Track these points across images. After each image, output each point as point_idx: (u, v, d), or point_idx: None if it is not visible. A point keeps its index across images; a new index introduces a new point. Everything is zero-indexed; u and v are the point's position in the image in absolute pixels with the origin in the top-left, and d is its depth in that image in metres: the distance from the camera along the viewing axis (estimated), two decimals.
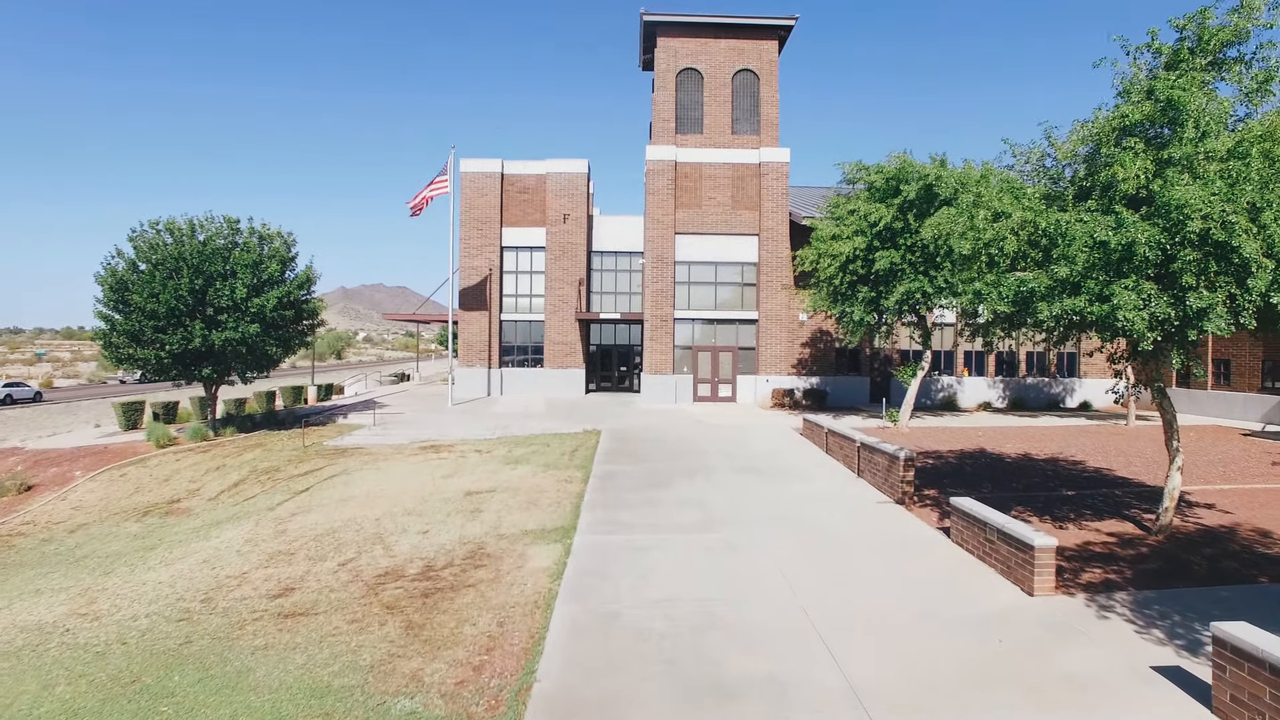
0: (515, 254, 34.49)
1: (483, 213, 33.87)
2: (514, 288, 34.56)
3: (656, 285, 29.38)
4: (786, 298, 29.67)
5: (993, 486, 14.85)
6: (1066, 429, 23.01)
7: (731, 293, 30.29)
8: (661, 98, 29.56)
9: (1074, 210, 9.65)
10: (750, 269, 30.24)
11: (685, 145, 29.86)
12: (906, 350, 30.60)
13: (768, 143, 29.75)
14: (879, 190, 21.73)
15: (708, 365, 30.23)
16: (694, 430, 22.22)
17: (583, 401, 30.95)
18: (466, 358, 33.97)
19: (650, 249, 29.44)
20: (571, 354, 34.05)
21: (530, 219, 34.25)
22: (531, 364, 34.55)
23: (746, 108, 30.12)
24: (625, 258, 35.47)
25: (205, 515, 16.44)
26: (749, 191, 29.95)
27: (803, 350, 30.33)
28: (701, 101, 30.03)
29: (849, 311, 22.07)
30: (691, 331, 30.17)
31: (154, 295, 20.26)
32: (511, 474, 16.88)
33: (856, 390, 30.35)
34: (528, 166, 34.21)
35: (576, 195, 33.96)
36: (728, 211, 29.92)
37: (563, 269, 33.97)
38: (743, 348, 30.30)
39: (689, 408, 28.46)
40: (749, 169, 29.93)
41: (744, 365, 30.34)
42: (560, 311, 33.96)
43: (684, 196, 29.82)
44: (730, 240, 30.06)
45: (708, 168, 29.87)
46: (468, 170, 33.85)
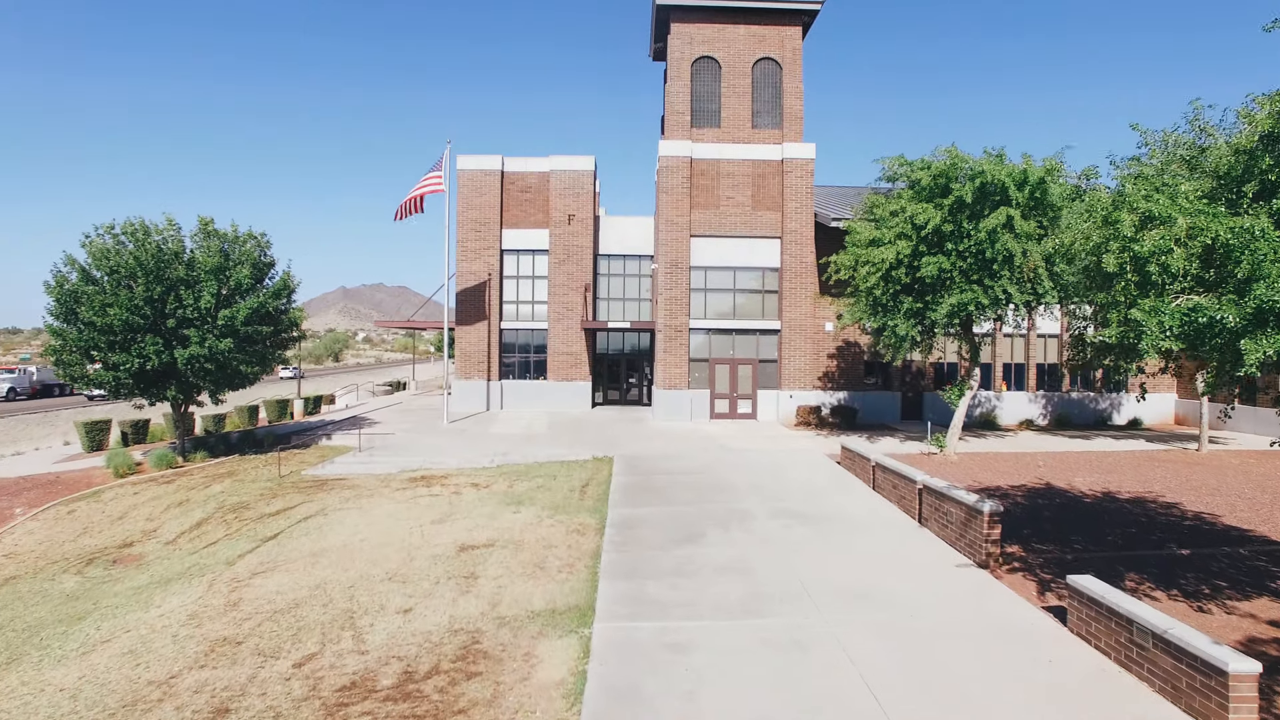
0: (516, 257, 32.10)
1: (481, 213, 31.47)
2: (515, 294, 32.17)
3: (670, 292, 27.00)
4: (811, 306, 27.28)
5: (1084, 539, 12.48)
6: (1134, 457, 20.61)
7: (751, 301, 27.91)
8: (675, 88, 27.17)
9: (1260, 213, 7.27)
10: (772, 275, 27.84)
11: (701, 140, 27.47)
12: (940, 364, 28.22)
13: (791, 137, 27.36)
14: (925, 189, 19.34)
15: (726, 379, 27.84)
16: (718, 458, 19.83)
17: (589, 418, 28.56)
18: (464, 369, 31.58)
19: (663, 253, 27.06)
20: (576, 365, 31.66)
21: (532, 220, 31.86)
22: (534, 376, 32.15)
23: (767, 100, 27.73)
24: (634, 261, 33.09)
25: (156, 567, 14.04)
26: (770, 191, 27.56)
27: (829, 363, 27.93)
28: (719, 93, 27.64)
29: (892, 325, 19.68)
30: (708, 342, 27.78)
31: (104, 309, 17.85)
32: (513, 519, 14.49)
33: (887, 406, 27.96)
34: (530, 164, 31.83)
35: (582, 194, 31.57)
36: (747, 212, 27.53)
37: (567, 274, 31.58)
38: (764, 360, 27.90)
39: (706, 426, 26.08)
40: (770, 166, 27.54)
41: (765, 379, 27.94)
42: (564, 319, 31.58)
43: (700, 196, 27.43)
44: (750, 243, 27.67)
45: (726, 164, 27.48)
46: (465, 168, 31.46)
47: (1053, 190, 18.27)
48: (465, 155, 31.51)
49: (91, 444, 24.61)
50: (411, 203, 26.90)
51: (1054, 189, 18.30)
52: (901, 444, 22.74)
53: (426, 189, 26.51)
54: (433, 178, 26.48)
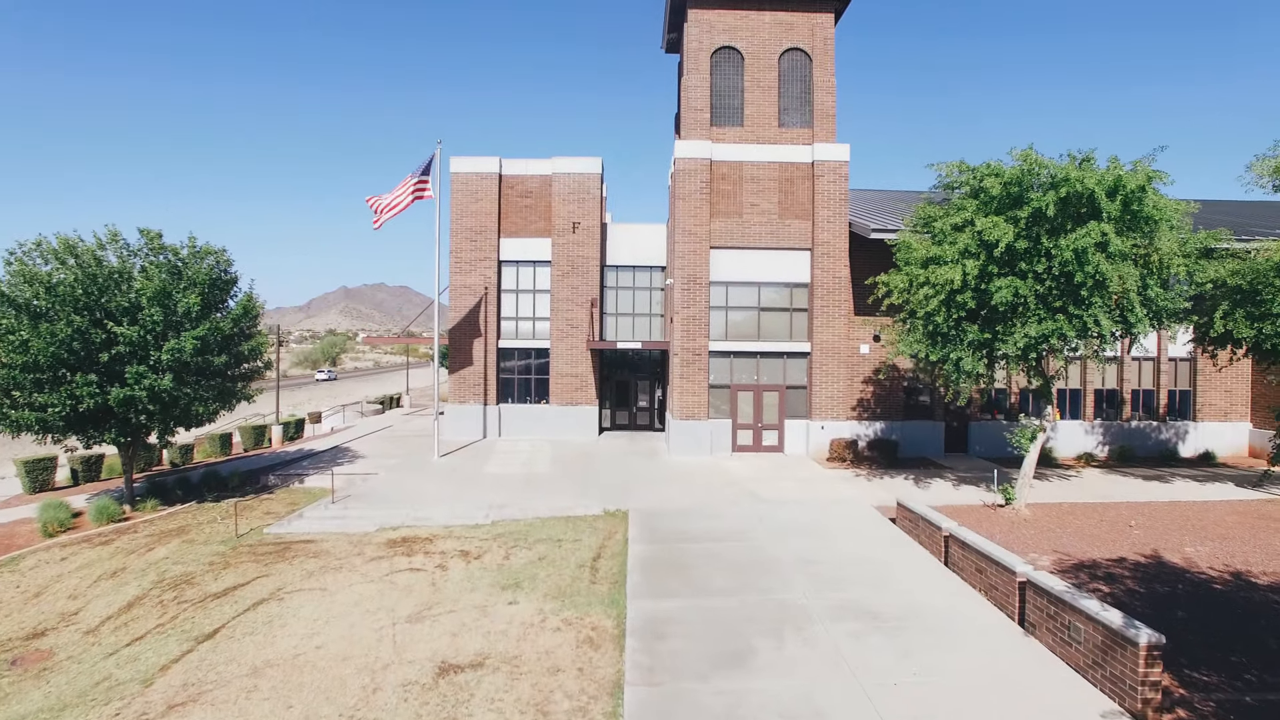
0: (515, 269, 29.21)
1: (477, 221, 28.58)
2: (514, 309, 29.28)
3: (687, 311, 24.10)
4: (845, 326, 24.38)
5: (1251, 659, 9.58)
6: (1236, 510, 17.67)
7: (778, 320, 25.00)
8: (693, 82, 24.26)
9: None
10: (801, 291, 24.93)
11: (723, 140, 24.56)
12: (986, 390, 25.29)
13: (822, 137, 24.44)
14: (994, 200, 16.44)
15: (749, 407, 24.95)
16: (751, 513, 16.94)
17: (597, 451, 25.67)
18: (459, 391, 28.70)
19: (679, 267, 24.16)
20: (582, 388, 28.77)
21: (533, 228, 28.96)
22: (535, 399, 29.26)
23: (796, 95, 24.81)
24: (645, 273, 30.19)
25: (59, 677, 11.18)
26: (800, 197, 24.65)
27: (864, 390, 25.03)
28: (741, 87, 24.72)
29: (954, 358, 16.78)
30: (729, 367, 24.87)
31: (22, 345, 14.98)
32: (509, 614, 11.61)
33: (928, 438, 25.06)
34: (530, 166, 28.93)
35: (588, 200, 28.68)
36: (774, 221, 24.62)
37: (571, 287, 28.69)
38: (792, 386, 25.00)
39: (728, 462, 23.19)
40: (800, 169, 24.63)
41: (793, 407, 25.04)
42: (569, 338, 28.69)
43: (721, 203, 24.52)
44: (777, 256, 24.76)
45: (750, 167, 24.57)
46: (459, 170, 28.56)
47: (1150, 201, 15.38)
48: (459, 156, 28.61)
49: (34, 485, 21.74)
50: (391, 208, 23.98)
51: (1151, 199, 15.41)
52: (955, 489, 19.85)
53: (412, 196, 23.63)
54: (419, 182, 23.58)
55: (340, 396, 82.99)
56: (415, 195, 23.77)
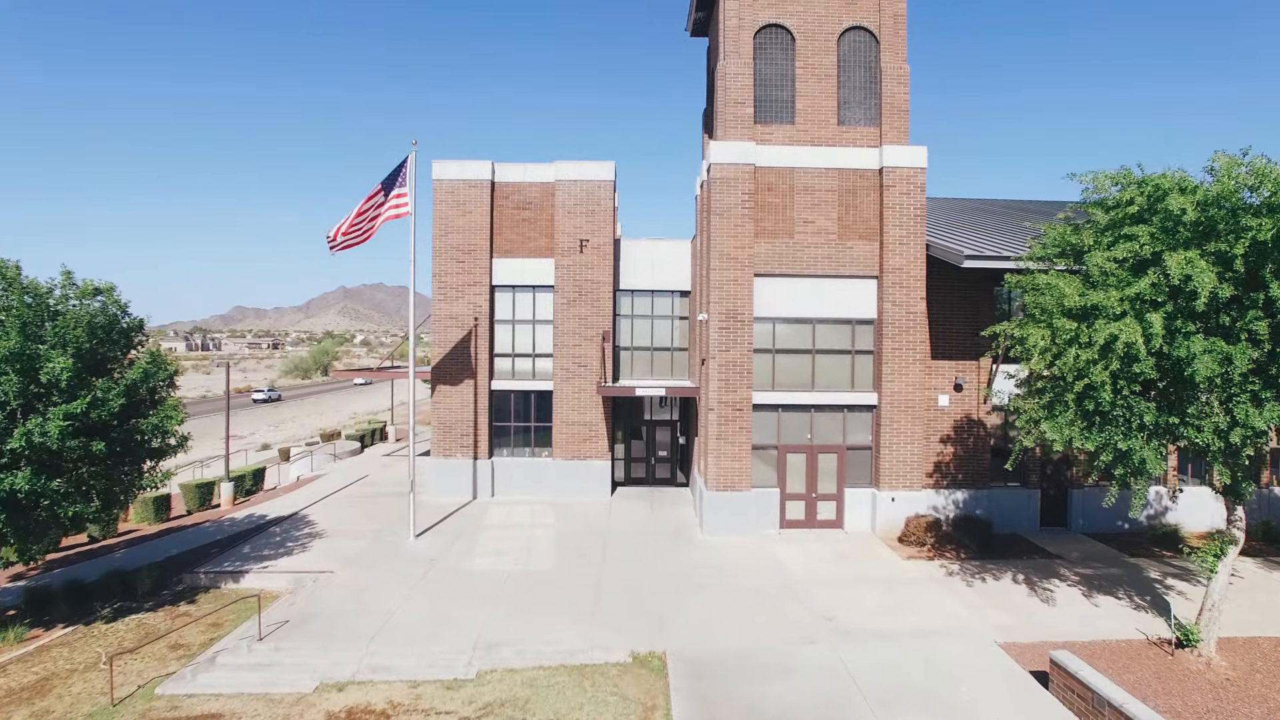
0: (511, 296, 24.37)
1: (465, 238, 23.74)
2: (509, 344, 24.44)
3: (726, 355, 19.27)
4: (922, 372, 19.56)
5: None
6: None
7: (837, 365, 20.16)
8: (732, 69, 19.41)
9: None
10: (865, 330, 20.09)
11: (769, 141, 19.72)
12: None
13: (892, 137, 19.62)
14: (1182, 226, 11.64)
15: (801, 473, 20.13)
16: (837, 665, 12.13)
17: (611, 527, 20.82)
18: (443, 443, 23.87)
19: (716, 299, 19.33)
20: (592, 438, 23.95)
21: (532, 246, 24.14)
22: (535, 450, 24.45)
23: (859, 85, 19.97)
24: (665, 298, 25.37)
25: None
26: (864, 212, 19.82)
27: (943, 450, 20.22)
28: (792, 75, 19.88)
29: (1126, 449, 11.97)
30: (776, 423, 20.05)
31: None
32: None
33: (1020, 509, 20.26)
34: (529, 172, 24.10)
35: (598, 212, 23.85)
36: (832, 242, 19.79)
37: (579, 318, 23.86)
38: (853, 447, 20.18)
39: (780, 548, 18.40)
40: (864, 178, 19.80)
41: (855, 473, 20.23)
42: (576, 378, 23.86)
43: (767, 219, 19.68)
44: (835, 286, 19.93)
45: (803, 175, 19.74)
46: (443, 176, 23.72)
47: None
48: (444, 160, 23.76)
49: None
50: (353, 230, 19.18)
51: None
52: (1090, 601, 15.06)
53: (384, 215, 18.83)
54: (395, 196, 18.76)
55: (326, 413, 78.15)
56: (390, 213, 18.97)
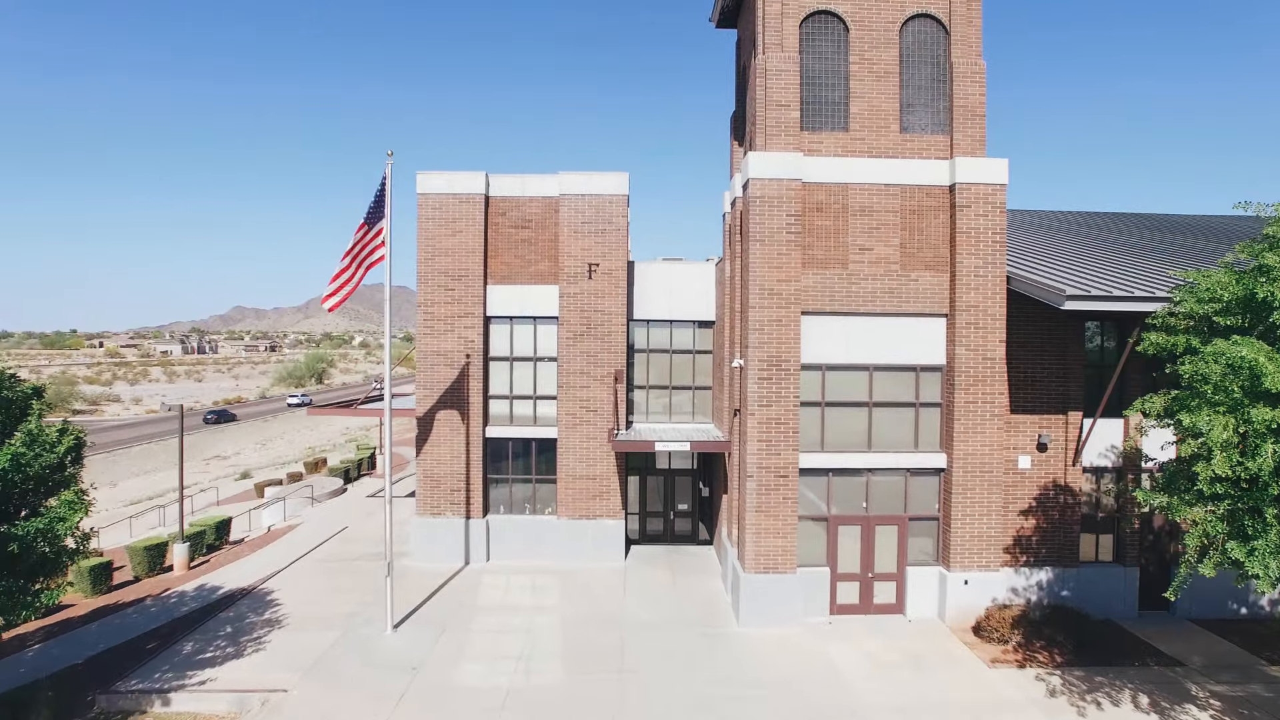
0: (508, 329, 21.10)
1: (455, 261, 20.47)
2: (506, 384, 21.17)
3: (767, 411, 15.98)
4: (1001, 430, 16.28)
5: None
6: None
7: (898, 421, 16.89)
8: (775, 64, 16.11)
9: None
10: (932, 378, 16.81)
11: (818, 151, 16.43)
12: None
13: (966, 148, 16.34)
14: None
15: (855, 549, 16.87)
16: None
17: (629, 607, 17.55)
18: (430, 500, 20.62)
19: (756, 343, 16.03)
20: (602, 494, 20.69)
21: (533, 271, 20.88)
22: (536, 508, 21.21)
23: (925, 85, 16.69)
24: (685, 329, 22.12)
25: None
26: (931, 236, 16.54)
27: (1023, 523, 16.97)
28: (845, 73, 16.59)
29: None
30: (826, 490, 16.78)
31: None
32: None
33: (1114, 590, 17.02)
34: (530, 184, 20.83)
35: (610, 231, 20.59)
36: (893, 274, 16.51)
37: (587, 355, 20.59)
38: (917, 518, 16.91)
39: (833, 647, 15.13)
40: (931, 196, 16.53)
41: (919, 549, 16.98)
42: (584, 425, 20.60)
43: (816, 245, 16.40)
44: (897, 326, 16.66)
45: (859, 192, 16.46)
46: (429, 190, 20.46)
47: None
48: (429, 172, 20.50)
49: None
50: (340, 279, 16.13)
51: None
52: None
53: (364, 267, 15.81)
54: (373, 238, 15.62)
55: (319, 425, 74.88)
56: (374, 257, 15.93)
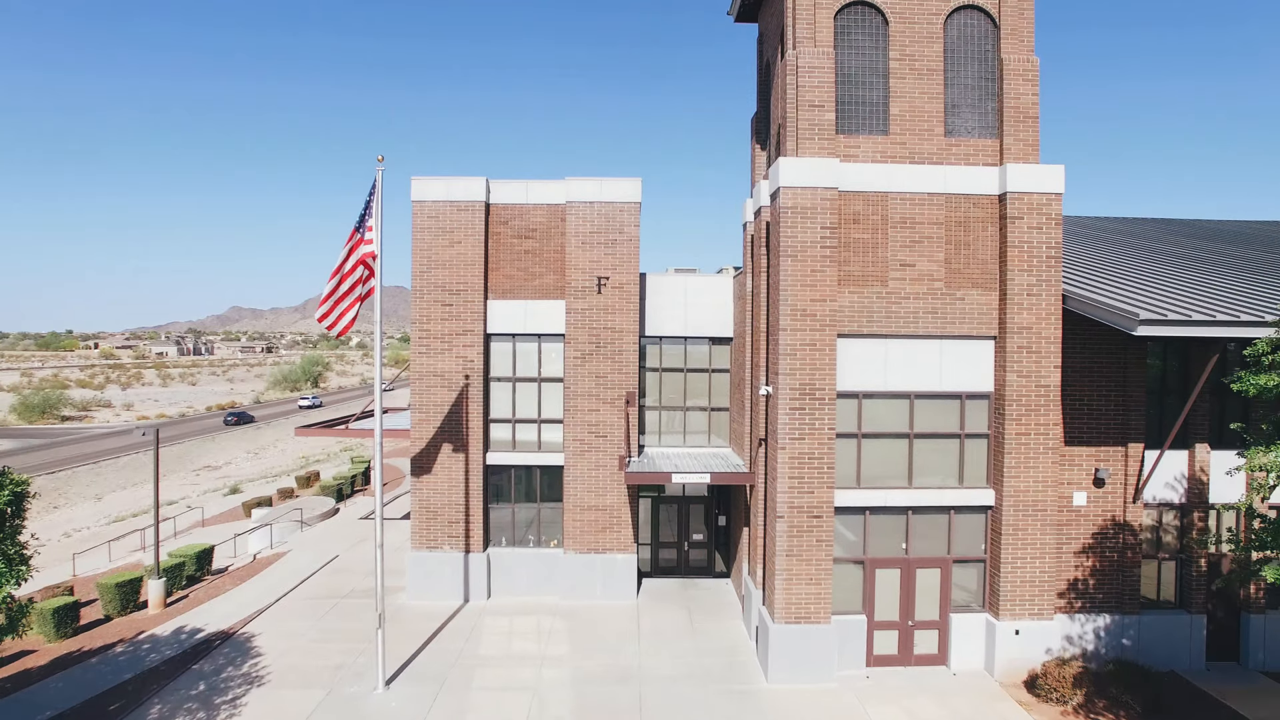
0: (510, 347, 19.53)
1: (452, 274, 18.91)
2: (508, 408, 19.60)
3: (800, 445, 14.43)
4: (1054, 464, 14.73)
5: None
6: None
7: (941, 454, 15.34)
8: (808, 59, 14.55)
9: None
10: (978, 406, 15.26)
11: (855, 157, 14.88)
12: None
13: (1017, 153, 14.80)
14: None
15: (894, 594, 15.33)
16: None
17: (645, 657, 15.99)
18: (426, 533, 19.06)
19: (787, 369, 14.47)
20: (613, 526, 19.14)
21: (537, 285, 19.31)
22: (541, 540, 19.65)
23: (973, 83, 15.14)
24: (700, 346, 20.58)
25: None
26: (979, 251, 15.00)
27: (1080, 564, 15.46)
28: (884, 70, 15.03)
29: None
30: (862, 529, 15.24)
31: None
32: None
33: (1179, 640, 15.50)
34: (534, 191, 19.27)
35: (621, 242, 19.03)
36: (937, 292, 14.97)
37: (596, 375, 19.03)
38: (962, 560, 15.37)
39: (874, 711, 13.58)
40: (979, 206, 14.98)
41: (964, 593, 15.45)
42: (594, 451, 19.04)
43: (854, 260, 14.85)
44: (940, 350, 15.11)
45: (899, 202, 14.91)
46: (425, 197, 18.89)
47: None
48: (425, 177, 18.92)
49: None
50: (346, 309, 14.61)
51: None
52: None
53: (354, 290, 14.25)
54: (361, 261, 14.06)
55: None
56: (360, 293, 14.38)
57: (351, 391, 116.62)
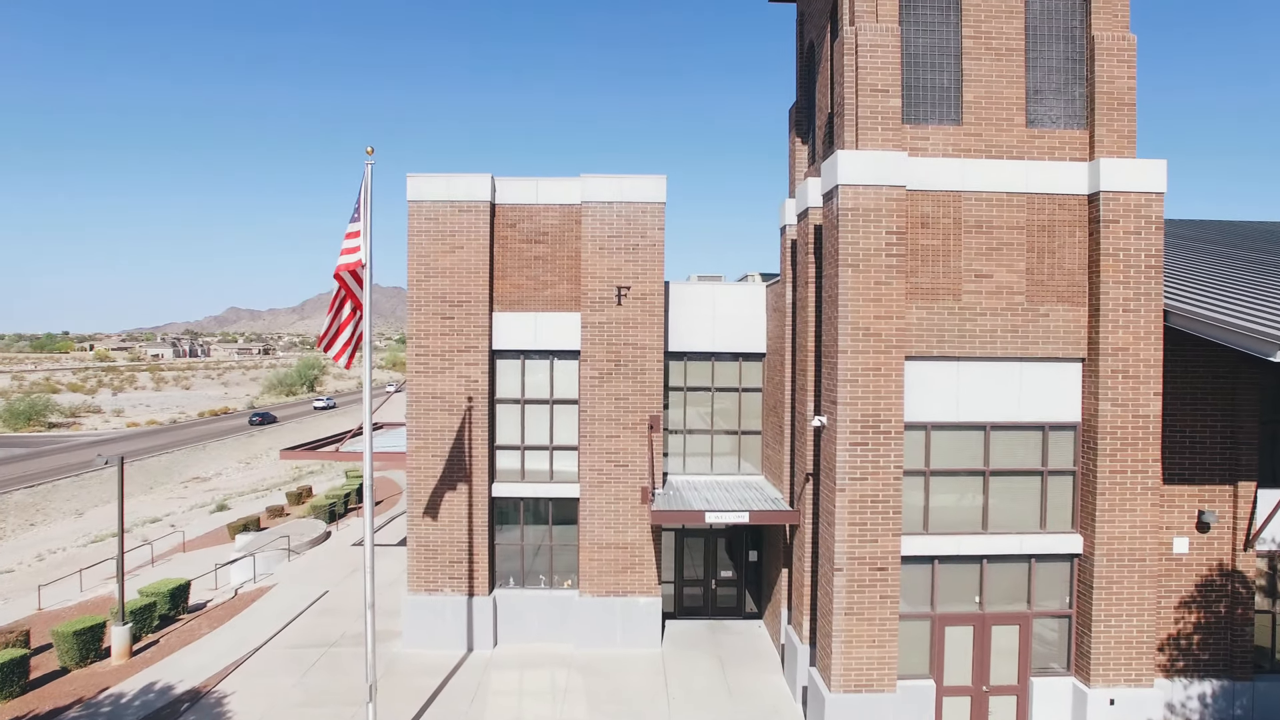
0: (520, 365, 17.47)
1: (454, 283, 16.84)
2: (516, 433, 17.53)
3: (861, 486, 12.37)
4: (1152, 506, 12.67)
5: None
6: None
7: (1020, 494, 13.29)
8: (870, 37, 12.49)
9: None
10: (1062, 439, 13.20)
11: (923, 151, 12.84)
12: None
13: (1111, 145, 12.77)
14: None
15: (966, 655, 13.27)
16: None
17: (673, 717, 13.92)
18: (424, 574, 16.98)
19: (847, 398, 12.40)
20: (634, 566, 17.08)
21: (549, 295, 17.25)
22: (554, 581, 17.59)
23: (1058, 65, 13.10)
24: (729, 364, 18.54)
25: None
26: (1064, 259, 12.95)
27: (1182, 618, 13.43)
28: (956, 50, 12.99)
29: None
30: (928, 581, 13.18)
31: None
32: None
33: None
34: (544, 189, 17.21)
35: (644, 247, 16.98)
36: (1016, 307, 12.92)
37: (615, 397, 16.96)
38: (1043, 614, 13.32)
39: None
40: (1066, 207, 12.94)
41: (1046, 653, 13.39)
42: (613, 482, 16.98)
43: (922, 271, 12.81)
44: (1019, 373, 13.06)
45: (974, 203, 12.87)
46: (422, 197, 16.82)
47: None
48: (422, 175, 16.86)
49: None
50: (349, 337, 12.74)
51: None
52: None
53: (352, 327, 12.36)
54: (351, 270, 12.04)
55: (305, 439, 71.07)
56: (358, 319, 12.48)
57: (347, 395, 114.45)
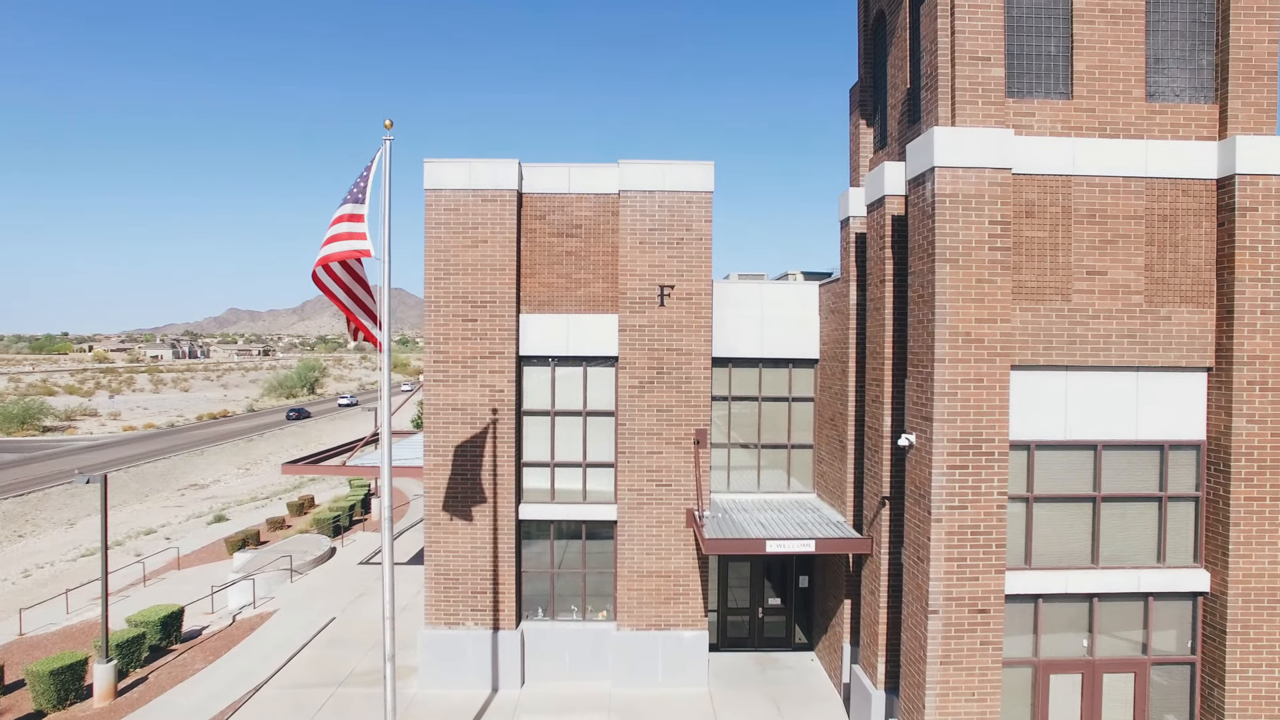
0: (549, 373, 15.73)
1: (476, 282, 15.10)
2: (546, 448, 15.78)
3: (960, 516, 10.65)
4: None
5: None
6: None
7: (1138, 523, 11.57)
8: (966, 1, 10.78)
9: None
10: (1184, 459, 11.48)
11: (1027, 129, 11.14)
12: None
13: (1247, 121, 11.09)
14: None
15: (1072, 705, 11.59)
16: None
17: None
18: (443, 606, 15.24)
19: (944, 410, 10.68)
20: (678, 597, 15.34)
21: (582, 294, 15.52)
22: (586, 612, 15.84)
23: (1181, 29, 11.41)
24: (779, 371, 16.82)
25: None
26: (1190, 253, 11.25)
27: None
28: (1065, 12, 11.28)
29: None
30: (1032, 623, 11.44)
31: None
32: None
33: None
34: (577, 177, 15.49)
35: (689, 241, 15.25)
36: (1134, 308, 11.21)
37: (657, 409, 15.22)
38: (1163, 662, 11.59)
39: None
40: (1191, 194, 11.24)
41: (1167, 705, 11.66)
42: (654, 503, 15.24)
43: (1027, 267, 11.10)
44: (1135, 384, 11.35)
45: (1085, 189, 11.16)
46: (442, 185, 15.08)
47: None
48: (441, 160, 15.12)
49: None
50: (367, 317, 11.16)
51: None
52: None
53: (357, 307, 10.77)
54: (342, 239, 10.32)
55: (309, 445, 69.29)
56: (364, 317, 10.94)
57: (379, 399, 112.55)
